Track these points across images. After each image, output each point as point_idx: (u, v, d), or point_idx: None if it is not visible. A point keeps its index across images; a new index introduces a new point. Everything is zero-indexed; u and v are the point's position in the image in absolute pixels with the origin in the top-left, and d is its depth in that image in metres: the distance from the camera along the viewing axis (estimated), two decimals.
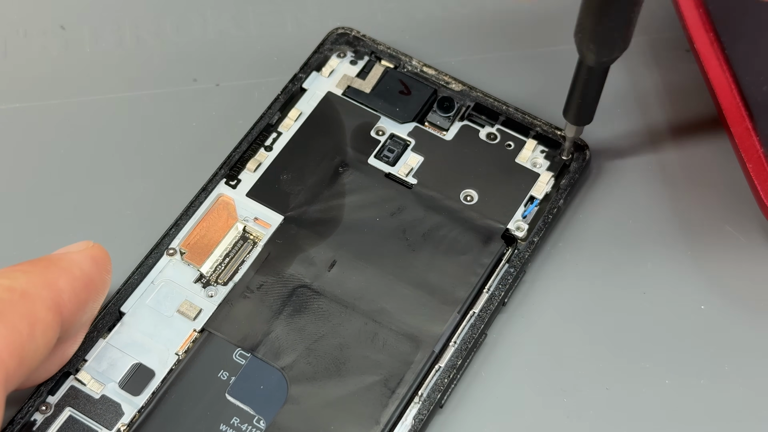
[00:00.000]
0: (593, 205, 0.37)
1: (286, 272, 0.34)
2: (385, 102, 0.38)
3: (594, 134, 0.38)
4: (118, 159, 0.38)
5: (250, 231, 0.35)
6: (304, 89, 0.38)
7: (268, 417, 0.32)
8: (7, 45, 0.41)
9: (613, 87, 0.39)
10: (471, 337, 0.33)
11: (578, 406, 0.33)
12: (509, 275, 0.34)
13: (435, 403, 0.32)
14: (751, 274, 0.35)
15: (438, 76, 0.38)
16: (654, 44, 0.40)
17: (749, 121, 0.35)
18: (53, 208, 0.37)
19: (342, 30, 0.39)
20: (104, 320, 0.33)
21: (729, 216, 0.36)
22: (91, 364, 0.32)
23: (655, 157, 0.38)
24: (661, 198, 0.37)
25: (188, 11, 0.42)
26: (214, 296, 0.34)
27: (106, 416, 0.32)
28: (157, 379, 0.32)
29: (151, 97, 0.39)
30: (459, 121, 0.37)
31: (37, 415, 0.32)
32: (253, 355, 0.33)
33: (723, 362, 0.34)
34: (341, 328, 0.33)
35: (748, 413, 0.33)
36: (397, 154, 0.37)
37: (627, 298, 0.35)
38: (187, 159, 0.38)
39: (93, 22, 0.41)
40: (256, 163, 0.36)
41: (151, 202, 0.37)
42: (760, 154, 0.34)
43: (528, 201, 0.36)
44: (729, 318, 0.34)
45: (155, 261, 0.34)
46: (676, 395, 0.33)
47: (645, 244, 0.36)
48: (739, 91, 0.35)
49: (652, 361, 0.34)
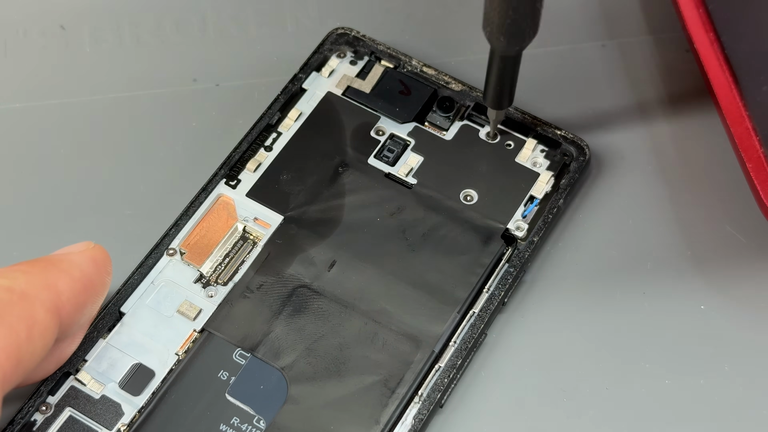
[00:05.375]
0: (593, 205, 0.37)
1: (286, 272, 0.34)
2: (385, 102, 0.38)
3: (594, 134, 0.38)
4: (118, 159, 0.38)
5: (250, 231, 0.35)
6: (304, 89, 0.38)
7: (268, 417, 0.32)
8: (7, 45, 0.41)
9: (613, 87, 0.39)
10: (471, 337, 0.33)
11: (578, 406, 0.33)
12: (509, 275, 0.34)
13: (435, 403, 0.32)
14: (751, 274, 0.35)
15: (438, 76, 0.38)
16: (654, 44, 0.40)
17: (749, 121, 0.35)
18: (53, 208, 0.37)
19: (342, 30, 0.39)
20: (104, 320, 0.33)
21: (729, 216, 0.36)
22: (91, 364, 0.32)
23: (655, 157, 0.38)
24: (661, 198, 0.37)
25: (188, 11, 0.42)
26: (214, 296, 0.34)
27: (106, 416, 0.32)
28: (157, 379, 0.32)
29: (151, 97, 0.39)
30: (459, 121, 0.37)
31: (37, 415, 0.32)
32: (253, 355, 0.33)
33: (723, 362, 0.34)
34: (341, 328, 0.33)
35: (748, 413, 0.33)
36: (397, 154, 0.37)
37: (627, 298, 0.35)
38: (187, 159, 0.38)
39: (93, 22, 0.41)
40: (256, 163, 0.36)
41: (151, 202, 0.37)
42: (760, 154, 0.34)
43: (528, 201, 0.36)
44: (729, 318, 0.34)
45: (155, 261, 0.34)
46: (676, 395, 0.33)
47: (645, 244, 0.36)
48: (739, 91, 0.35)
49: (652, 361, 0.34)
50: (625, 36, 0.40)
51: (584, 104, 0.39)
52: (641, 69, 0.40)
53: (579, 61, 0.40)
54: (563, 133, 0.36)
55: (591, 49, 0.40)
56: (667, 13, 0.39)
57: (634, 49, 0.40)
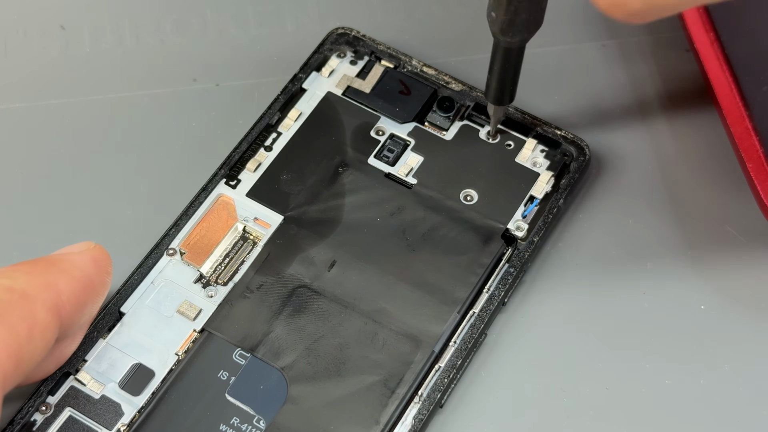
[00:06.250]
0: (593, 205, 0.37)
1: (286, 272, 0.34)
2: (385, 102, 0.38)
3: (594, 134, 0.38)
4: (119, 159, 0.38)
5: (250, 231, 0.35)
6: (304, 89, 0.38)
7: (268, 417, 0.32)
8: (7, 45, 0.41)
9: (613, 87, 0.39)
10: (471, 337, 0.33)
11: (578, 406, 0.33)
12: (509, 275, 0.34)
13: (435, 403, 0.32)
14: (751, 274, 0.35)
15: (438, 76, 0.38)
16: (654, 44, 0.40)
17: (749, 121, 0.35)
18: (53, 208, 0.37)
19: (342, 30, 0.39)
20: (104, 320, 0.33)
21: (729, 216, 0.36)
22: (91, 365, 0.32)
23: (655, 157, 0.38)
24: (661, 198, 0.37)
25: (188, 11, 0.42)
26: (214, 296, 0.34)
27: (106, 416, 0.32)
28: (157, 379, 0.32)
29: (151, 97, 0.39)
30: (459, 121, 0.37)
31: (37, 415, 0.32)
32: (253, 355, 0.33)
33: (723, 362, 0.34)
34: (341, 328, 0.33)
35: (748, 413, 0.33)
36: (397, 154, 0.37)
37: (627, 298, 0.35)
38: (187, 159, 0.38)
39: (93, 22, 0.41)
40: (256, 163, 0.36)
41: (151, 202, 0.37)
42: (760, 154, 0.34)
43: (528, 201, 0.36)
44: (729, 318, 0.34)
45: (155, 261, 0.34)
46: (676, 395, 0.33)
47: (645, 244, 0.36)
48: (739, 91, 0.35)
49: (652, 361, 0.34)
50: (625, 36, 0.40)
51: (584, 104, 0.39)
52: (641, 69, 0.40)
53: (579, 61, 0.40)
54: (563, 133, 0.36)
55: (591, 49, 0.40)
56: None
57: (634, 49, 0.40)
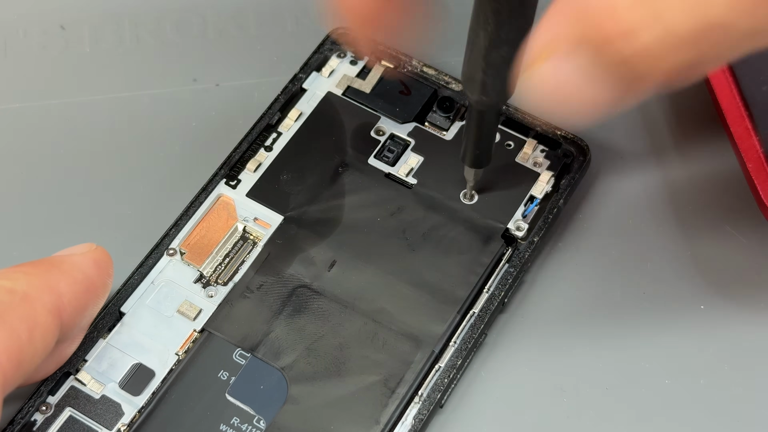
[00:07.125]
0: (593, 205, 0.37)
1: (286, 272, 0.34)
2: (385, 102, 0.37)
3: (594, 134, 0.38)
4: (118, 159, 0.38)
5: (250, 231, 0.35)
6: (304, 89, 0.38)
7: (268, 417, 0.32)
8: (7, 45, 0.41)
9: None
10: (471, 337, 0.33)
11: (578, 406, 0.33)
12: (509, 275, 0.34)
13: (435, 403, 0.32)
14: (751, 274, 0.35)
15: (438, 76, 0.38)
16: None
17: (749, 121, 0.35)
18: (53, 208, 0.37)
19: (342, 30, 0.39)
20: (104, 320, 0.33)
21: (729, 216, 0.36)
22: (91, 365, 0.32)
23: (654, 157, 0.38)
24: (661, 198, 0.37)
25: (188, 11, 0.42)
26: (214, 296, 0.34)
27: (106, 416, 0.32)
28: (157, 379, 0.32)
29: (151, 97, 0.39)
30: (459, 121, 0.37)
31: (37, 415, 0.32)
32: (253, 355, 0.33)
33: (723, 362, 0.34)
34: (341, 328, 0.33)
35: (748, 413, 0.33)
36: (397, 154, 0.37)
37: (627, 298, 0.35)
38: (187, 159, 0.38)
39: (93, 22, 0.41)
40: (256, 163, 0.36)
41: (151, 202, 0.37)
42: (760, 154, 0.34)
43: (528, 200, 0.36)
44: (729, 318, 0.34)
45: (155, 261, 0.34)
46: (676, 395, 0.33)
47: (645, 244, 0.36)
48: (739, 91, 0.35)
49: (652, 361, 0.34)
50: None
51: None
52: None
53: None
54: (563, 133, 0.36)
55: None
56: None
57: None
